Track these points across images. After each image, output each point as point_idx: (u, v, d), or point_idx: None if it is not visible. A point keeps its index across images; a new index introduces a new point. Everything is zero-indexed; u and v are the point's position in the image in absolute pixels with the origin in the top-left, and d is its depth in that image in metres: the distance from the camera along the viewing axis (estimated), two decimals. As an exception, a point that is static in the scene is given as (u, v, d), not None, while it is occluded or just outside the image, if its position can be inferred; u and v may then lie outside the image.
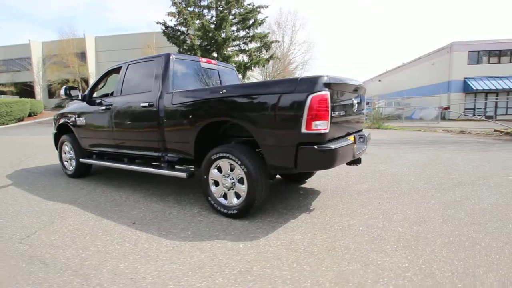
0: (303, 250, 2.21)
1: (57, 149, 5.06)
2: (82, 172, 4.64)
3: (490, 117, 17.66)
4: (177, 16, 19.49)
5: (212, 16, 21.02)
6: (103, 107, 3.89)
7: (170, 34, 20.27)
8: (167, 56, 3.39)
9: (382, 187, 3.87)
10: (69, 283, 1.82)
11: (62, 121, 4.79)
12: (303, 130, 2.31)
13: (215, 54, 20.32)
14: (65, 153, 4.78)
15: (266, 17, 21.78)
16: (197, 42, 18.63)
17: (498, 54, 22.96)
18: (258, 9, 20.69)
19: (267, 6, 20.92)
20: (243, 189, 2.72)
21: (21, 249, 2.31)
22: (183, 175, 3.12)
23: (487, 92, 22.79)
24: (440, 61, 25.26)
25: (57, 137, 4.97)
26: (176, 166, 3.48)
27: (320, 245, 2.27)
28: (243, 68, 19.29)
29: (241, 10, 20.44)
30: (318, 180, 4.27)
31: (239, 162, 2.65)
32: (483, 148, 7.46)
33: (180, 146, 3.16)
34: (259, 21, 20.78)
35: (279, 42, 26.03)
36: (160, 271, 1.95)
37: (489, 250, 2.15)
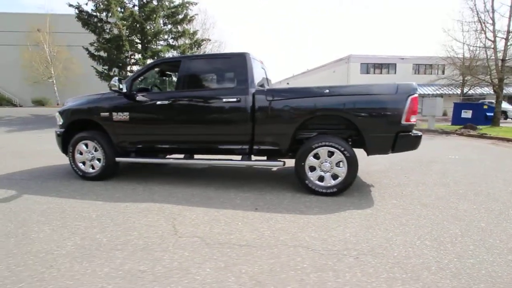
0: (411, 208, 3.05)
1: (63, 151, 4.36)
2: (109, 173, 4.19)
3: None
4: (96, 1, 17.14)
5: (134, 5, 19.40)
6: (165, 102, 3.74)
7: (86, 20, 17.63)
8: (248, 55, 3.64)
9: (389, 168, 5.09)
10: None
11: (77, 117, 4.18)
12: (403, 122, 3.16)
13: (139, 46, 18.93)
14: (82, 154, 4.18)
15: (196, 14, 21.51)
16: (125, 32, 16.91)
17: (380, 66, 29.53)
18: (187, 5, 20.29)
19: (196, 3, 20.75)
20: (342, 171, 3.35)
21: (239, 244, 2.34)
22: (280, 164, 3.51)
23: (373, 96, 28.97)
24: (339, 70, 30.39)
25: (65, 136, 4.27)
26: (253, 157, 3.79)
27: (415, 204, 3.17)
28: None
29: (167, 2, 19.61)
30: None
31: (342, 149, 3.29)
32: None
33: (275, 138, 3.51)
34: (189, 18, 20.41)
35: (210, 40, 25.98)
36: (349, 233, 2.45)
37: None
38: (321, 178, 3.45)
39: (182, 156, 4.16)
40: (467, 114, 14.87)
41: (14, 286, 1.77)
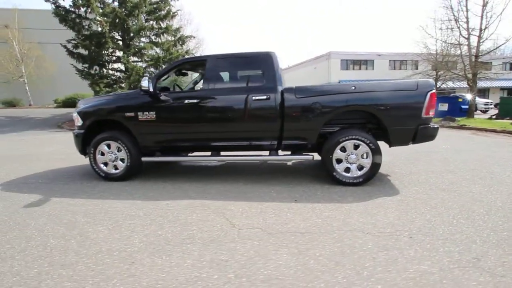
0: (433, 193, 3.38)
1: (82, 152, 4.30)
2: (133, 173, 4.21)
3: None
4: (75, -4, 16.36)
5: (114, 0, 18.73)
6: (193, 100, 3.81)
7: (64, 16, 16.80)
8: (274, 54, 3.81)
9: (395, 159, 5.45)
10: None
11: (100, 118, 4.14)
12: (423, 115, 3.47)
13: (121, 43, 18.37)
14: (104, 154, 4.14)
15: (179, 9, 21.11)
16: (107, 29, 16.31)
17: (359, 63, 30.62)
18: (169, 0, 19.90)
19: (178, -1, 20.39)
20: (367, 162, 3.62)
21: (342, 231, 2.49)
22: (310, 157, 3.72)
23: (353, 92, 30.03)
24: (321, 66, 31.13)
25: (85, 138, 4.21)
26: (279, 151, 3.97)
27: (435, 189, 3.51)
28: (162, 62, 18.24)
29: (148, -2, 19.11)
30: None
31: (368, 141, 3.55)
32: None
33: (304, 134, 3.71)
34: (172, 14, 20.04)
35: (195, 38, 25.49)
36: (392, 217, 2.71)
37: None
38: (347, 170, 3.69)
39: (204, 153, 4.26)
40: (443, 107, 15.86)
41: (108, 283, 1.84)
